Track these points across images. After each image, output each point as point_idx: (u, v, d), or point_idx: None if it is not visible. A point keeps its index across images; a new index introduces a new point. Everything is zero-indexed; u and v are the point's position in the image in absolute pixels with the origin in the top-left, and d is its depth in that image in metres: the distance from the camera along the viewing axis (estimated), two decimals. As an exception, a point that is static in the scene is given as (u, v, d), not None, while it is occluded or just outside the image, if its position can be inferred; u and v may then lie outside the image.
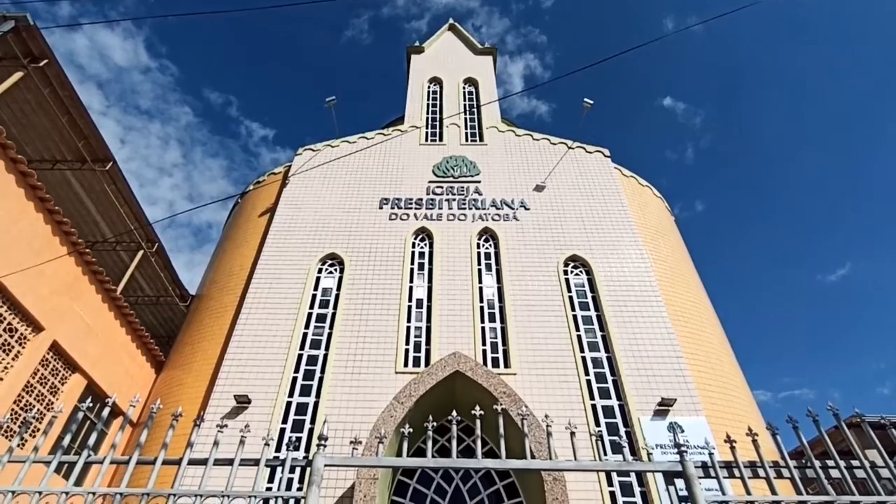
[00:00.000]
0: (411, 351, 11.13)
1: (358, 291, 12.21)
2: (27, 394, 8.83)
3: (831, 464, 3.32)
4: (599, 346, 11.25)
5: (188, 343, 12.21)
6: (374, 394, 10.10)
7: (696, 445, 8.96)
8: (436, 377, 9.21)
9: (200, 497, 3.17)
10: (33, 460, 3.33)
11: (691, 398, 10.12)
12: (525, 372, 10.58)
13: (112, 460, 3.39)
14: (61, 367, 9.65)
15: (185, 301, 14.76)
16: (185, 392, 10.75)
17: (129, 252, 13.59)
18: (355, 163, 15.69)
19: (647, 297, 12.03)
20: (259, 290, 12.25)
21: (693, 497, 3.18)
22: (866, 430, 3.43)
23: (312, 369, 10.83)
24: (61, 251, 9.57)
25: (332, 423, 9.30)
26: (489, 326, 11.62)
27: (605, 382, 10.60)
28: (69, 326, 9.68)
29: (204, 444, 7.91)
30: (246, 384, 10.34)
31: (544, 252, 13.09)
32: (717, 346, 11.94)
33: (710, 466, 3.37)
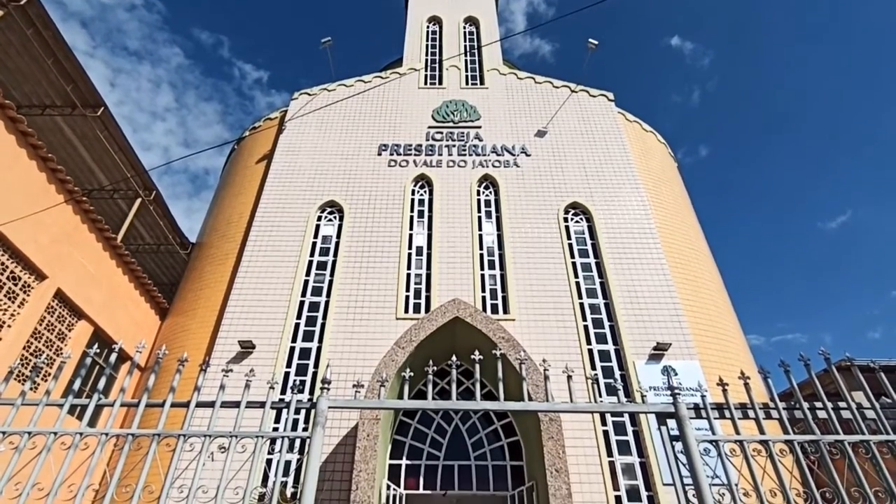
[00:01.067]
0: (412, 298, 11.27)
1: (358, 239, 12.22)
2: (36, 340, 9.02)
3: (819, 405, 3.42)
4: (598, 292, 11.38)
5: (191, 290, 12.35)
6: (375, 339, 10.32)
7: (689, 388, 9.24)
8: (436, 323, 9.36)
9: (209, 437, 3.29)
10: (46, 403, 3.43)
11: (686, 343, 10.34)
12: (524, 318, 10.77)
13: (122, 403, 3.49)
14: (67, 315, 9.80)
15: (185, 249, 14.80)
16: (190, 338, 10.98)
17: (127, 200, 13.49)
18: (353, 108, 15.31)
19: (647, 245, 12.06)
20: (259, 237, 12.26)
21: (684, 436, 3.30)
22: (855, 373, 3.51)
23: (314, 316, 11.01)
24: (58, 199, 9.50)
25: (335, 368, 9.55)
26: (489, 273, 11.71)
27: (602, 328, 10.81)
28: (72, 274, 9.76)
29: (210, 388, 8.17)
30: (249, 330, 10.54)
31: (545, 199, 13.00)
32: (713, 292, 12.08)
33: (701, 408, 3.48)
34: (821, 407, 3.41)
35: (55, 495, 3.01)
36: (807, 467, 3.13)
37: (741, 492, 3.09)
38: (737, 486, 3.11)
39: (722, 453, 3.25)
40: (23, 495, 2.98)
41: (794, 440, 3.23)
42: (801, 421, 3.46)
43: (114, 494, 3.03)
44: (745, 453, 3.23)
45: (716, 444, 3.28)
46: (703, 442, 3.28)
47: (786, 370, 3.52)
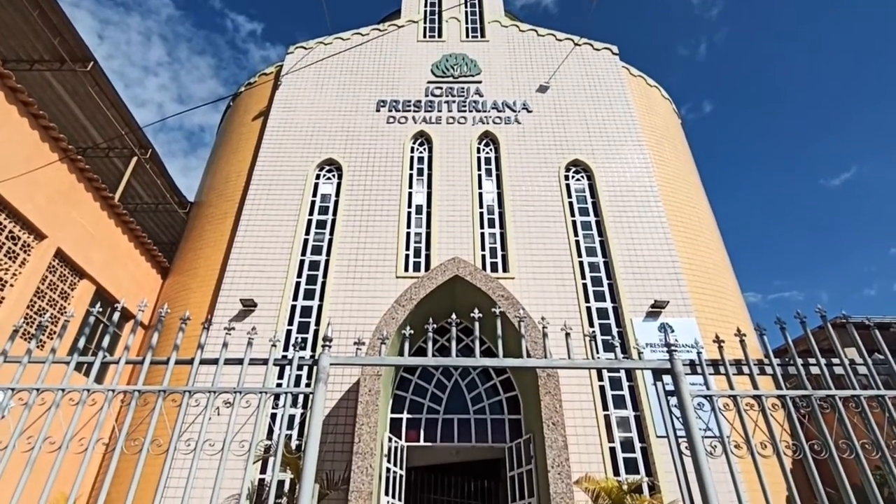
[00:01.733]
0: (411, 256, 11.30)
1: (357, 197, 12.15)
2: (39, 299, 9.10)
3: (813, 361, 3.48)
4: (597, 250, 11.41)
5: (191, 249, 12.37)
6: (375, 297, 10.41)
7: (685, 345, 9.38)
8: (436, 281, 9.42)
9: (214, 393, 3.36)
10: (52, 361, 3.49)
11: (683, 300, 10.45)
12: (523, 276, 10.83)
13: (127, 360, 3.55)
14: (69, 274, 9.85)
15: (184, 208, 14.72)
16: (192, 297, 11.08)
17: (123, 159, 13.31)
18: (350, 62, 14.89)
19: (648, 203, 12.00)
20: (257, 196, 12.18)
21: (679, 391, 3.37)
22: (850, 330, 3.55)
23: (315, 274, 11.07)
24: (52, 157, 9.37)
25: (336, 326, 9.67)
26: (488, 232, 11.71)
27: (601, 286, 10.89)
28: (71, 234, 9.74)
29: (213, 346, 8.29)
30: (251, 289, 10.63)
31: (546, 156, 12.84)
32: (712, 250, 12.11)
33: (697, 364, 3.54)
34: (814, 363, 3.47)
35: (67, 449, 3.10)
36: (797, 421, 3.21)
37: (732, 444, 3.19)
38: (728, 438, 3.20)
39: (715, 407, 3.33)
40: (35, 448, 3.07)
41: (787, 395, 3.30)
42: (793, 376, 3.53)
43: (123, 447, 3.12)
44: (738, 407, 3.30)
45: (710, 398, 3.36)
46: (698, 397, 3.35)
47: (782, 327, 3.56)
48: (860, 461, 3.08)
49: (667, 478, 8.44)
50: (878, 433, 3.15)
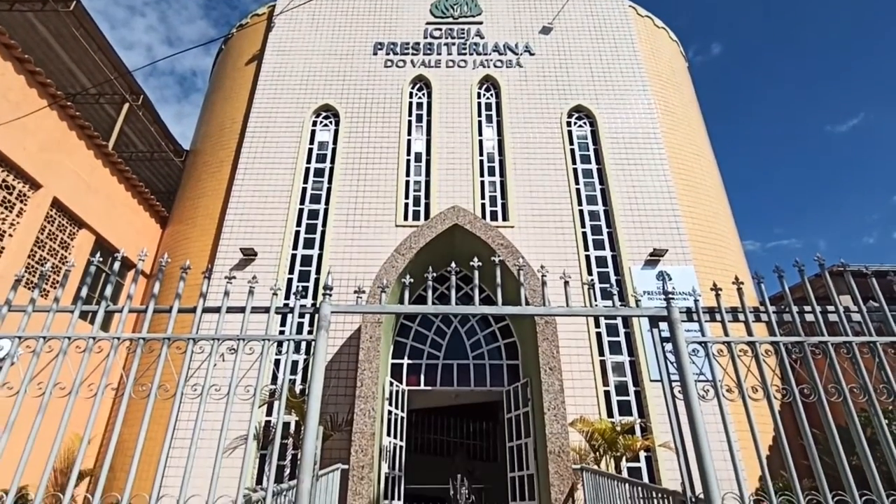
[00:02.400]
0: (411, 205, 11.24)
1: (355, 145, 11.94)
2: (39, 249, 9.12)
3: (808, 309, 3.52)
4: (598, 199, 11.34)
5: (189, 199, 12.29)
6: (375, 246, 10.44)
7: (683, 293, 9.49)
8: (435, 230, 9.42)
9: (218, 341, 3.42)
10: (56, 310, 3.53)
11: (682, 249, 10.49)
12: (523, 225, 10.82)
13: (130, 309, 3.59)
14: (67, 224, 9.82)
15: (180, 156, 14.49)
16: (192, 246, 11.11)
17: (114, 105, 12.98)
18: (345, 1, 14.24)
19: (651, 151, 11.81)
20: (254, 144, 11.97)
21: (674, 338, 3.44)
22: (847, 278, 3.58)
23: (314, 223, 11.05)
24: (41, 104, 9.13)
25: (336, 274, 9.75)
26: (488, 180, 11.59)
27: (601, 234, 10.89)
28: (67, 183, 9.64)
29: (215, 295, 8.39)
30: (250, 238, 10.64)
31: (548, 102, 12.52)
32: (713, 198, 12.03)
33: (693, 312, 3.58)
34: (809, 310, 3.52)
35: (77, 394, 3.19)
36: (789, 366, 3.29)
37: (724, 388, 3.28)
38: (721, 382, 3.29)
39: (709, 353, 3.40)
40: (46, 394, 3.16)
41: (780, 341, 3.37)
42: (788, 324, 3.59)
43: (131, 392, 3.21)
44: (732, 353, 3.37)
45: (704, 345, 3.42)
46: (693, 343, 3.42)
47: (780, 276, 3.58)
48: (847, 404, 3.18)
49: (658, 419, 8.76)
50: (866, 377, 3.24)
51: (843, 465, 3.00)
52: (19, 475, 2.97)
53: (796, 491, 2.96)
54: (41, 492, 2.95)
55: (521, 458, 8.51)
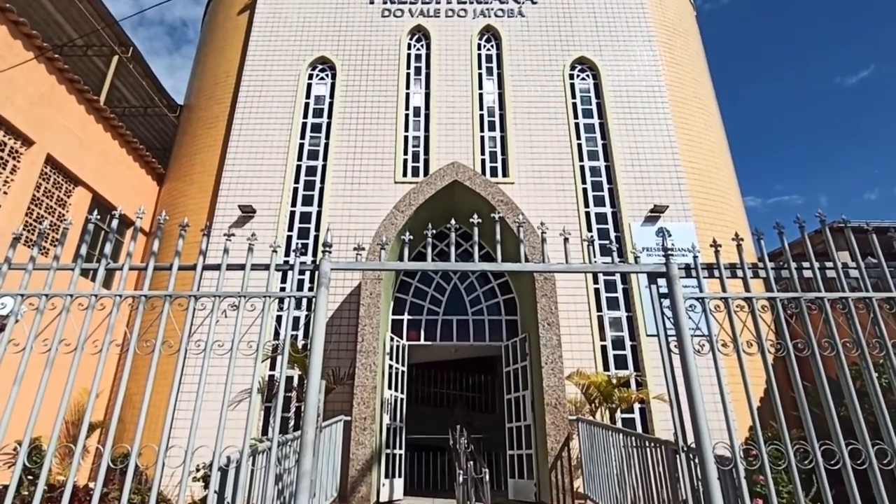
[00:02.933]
0: (410, 161, 11.10)
1: (352, 99, 11.68)
2: (36, 207, 9.07)
3: (806, 265, 3.53)
4: (599, 154, 11.19)
5: (185, 155, 12.12)
6: (374, 203, 10.38)
7: (682, 249, 9.50)
8: (435, 186, 9.34)
9: (219, 298, 3.45)
10: (57, 267, 3.54)
11: (683, 205, 10.44)
12: (523, 181, 10.72)
13: (131, 267, 3.60)
14: (63, 181, 9.73)
15: (174, 111, 14.19)
16: (190, 203, 11.04)
17: (103, 58, 12.60)
18: (338, -55, 13.57)
19: (654, 105, 11.57)
20: (249, 99, 11.70)
21: (672, 294, 3.46)
22: (847, 234, 3.57)
23: (312, 180, 10.94)
24: (27, 56, 8.86)
25: (335, 231, 9.71)
26: (488, 135, 11.40)
27: (601, 191, 10.82)
28: (60, 139, 9.48)
29: (215, 252, 8.40)
30: (249, 195, 10.56)
31: (550, 54, 12.16)
32: (716, 153, 11.87)
33: (692, 268, 3.60)
34: (807, 266, 3.53)
35: (82, 350, 3.24)
36: (784, 321, 3.33)
37: (720, 343, 3.33)
38: (716, 337, 3.34)
39: (706, 309, 3.44)
40: (52, 349, 3.21)
41: (777, 297, 3.40)
42: (785, 280, 3.61)
43: (136, 349, 3.26)
44: (729, 309, 3.41)
45: (701, 300, 3.46)
46: (690, 299, 3.45)
47: (780, 232, 3.57)
48: (839, 358, 3.24)
49: (653, 373, 8.96)
50: (860, 332, 3.28)
51: (832, 416, 3.09)
52: (31, 426, 3.06)
53: (785, 440, 3.05)
54: (53, 442, 3.05)
55: (518, 409, 8.77)
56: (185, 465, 2.98)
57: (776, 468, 3.07)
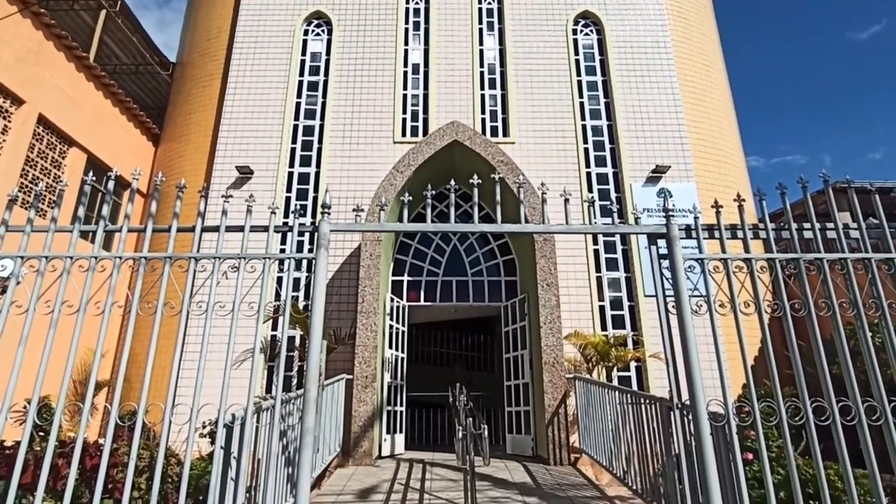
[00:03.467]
0: (409, 120, 10.91)
1: (349, 56, 11.36)
2: (31, 168, 8.96)
3: (807, 226, 3.52)
4: (602, 113, 10.98)
5: (180, 115, 11.89)
6: (372, 164, 10.26)
7: (683, 210, 9.46)
8: (434, 146, 9.22)
9: (219, 259, 3.45)
10: (55, 230, 3.52)
11: (685, 165, 10.33)
12: (524, 141, 10.57)
13: (129, 228, 3.59)
14: (56, 142, 9.58)
15: (166, 69, 13.83)
16: (187, 164, 10.91)
17: (91, 13, 12.17)
18: None
19: (659, 61, 11.27)
20: (243, 56, 11.38)
21: (672, 255, 3.47)
22: (850, 194, 3.54)
23: (310, 140, 10.78)
24: (10, 10, 8.57)
25: (334, 192, 9.66)
26: (489, 94, 11.16)
27: (603, 150, 10.68)
28: (51, 98, 9.27)
29: (213, 214, 8.38)
30: (246, 156, 10.43)
31: (553, 7, 11.75)
32: (720, 112, 11.65)
33: (693, 229, 3.59)
34: (808, 227, 3.52)
35: (84, 311, 3.27)
36: (782, 282, 3.35)
37: (717, 303, 3.36)
38: (714, 298, 3.36)
39: (705, 270, 3.45)
40: (55, 311, 3.23)
41: (776, 258, 3.40)
42: (785, 240, 3.61)
43: (138, 310, 3.29)
44: (728, 270, 3.42)
45: (701, 261, 3.47)
46: (689, 260, 3.46)
47: (782, 192, 3.54)
48: (835, 317, 3.28)
49: (650, 332, 9.08)
50: (857, 293, 3.31)
51: (825, 374, 3.15)
52: (39, 385, 3.12)
53: (777, 397, 3.12)
54: (62, 399, 3.12)
55: (517, 368, 8.94)
56: (192, 421, 3.06)
57: (768, 424, 3.16)
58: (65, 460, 3.93)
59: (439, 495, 5.80)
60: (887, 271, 3.42)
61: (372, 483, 6.43)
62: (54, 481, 3.81)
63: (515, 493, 5.94)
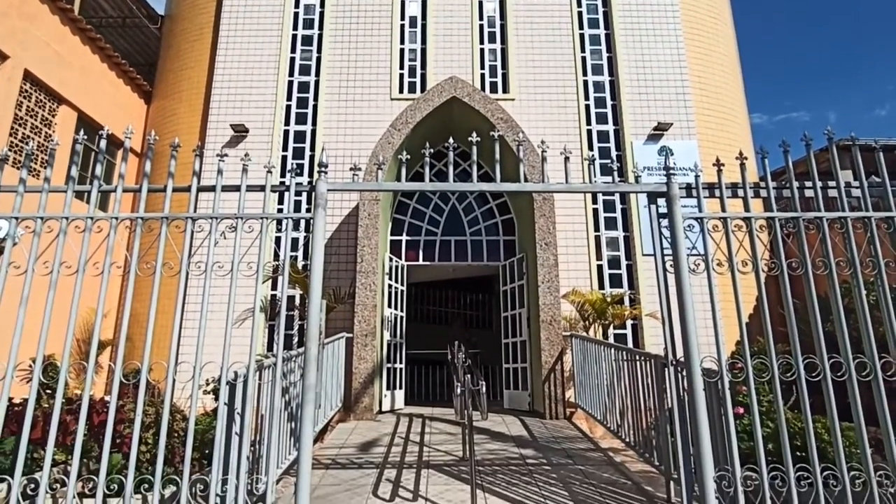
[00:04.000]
0: (406, 76, 10.63)
1: (344, 8, 10.95)
2: (20, 127, 8.78)
3: (809, 184, 3.49)
4: (604, 68, 10.70)
5: (171, 71, 11.56)
6: (370, 121, 10.07)
7: (684, 168, 9.37)
8: (432, 103, 9.03)
9: (216, 219, 3.43)
10: (49, 190, 3.48)
11: (688, 122, 10.16)
12: (524, 97, 10.34)
13: (124, 188, 3.55)
14: (45, 99, 9.35)
15: (155, 23, 13.34)
16: (180, 123, 10.70)
17: (72, -39, 11.65)
18: None
19: (665, 13, 10.89)
20: (234, 7, 10.96)
21: (671, 214, 3.45)
22: (854, 152, 3.50)
23: (305, 97, 10.53)
24: (-10, -40, 8.20)
25: (331, 151, 9.51)
26: (488, 48, 10.84)
27: (604, 107, 10.47)
28: (36, 53, 8.99)
29: (209, 174, 8.25)
30: (240, 114, 10.22)
31: (555, -44, 11.25)
32: (726, 67, 11.35)
33: (693, 188, 3.56)
34: (809, 186, 3.49)
35: (83, 272, 3.27)
36: (781, 240, 3.35)
37: (715, 262, 3.37)
38: (712, 257, 3.37)
39: (705, 229, 3.44)
40: (54, 272, 3.24)
41: (776, 216, 3.39)
42: (785, 199, 3.58)
43: (137, 270, 3.29)
44: (727, 228, 3.42)
45: (700, 220, 3.46)
46: (689, 219, 3.45)
47: (785, 150, 3.49)
48: (832, 276, 3.30)
49: (647, 291, 9.16)
50: (855, 251, 3.31)
51: (818, 331, 3.20)
52: (43, 344, 3.16)
53: (770, 353, 3.18)
54: (66, 357, 3.17)
55: (514, 326, 9.07)
56: (195, 379, 3.12)
57: (759, 380, 3.23)
58: (73, 417, 4.02)
59: (439, 447, 5.99)
60: (886, 230, 3.41)
61: (373, 436, 6.62)
62: (63, 436, 3.92)
63: (512, 445, 6.13)
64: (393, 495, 4.31)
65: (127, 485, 2.91)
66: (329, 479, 4.78)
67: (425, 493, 4.34)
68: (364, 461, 5.44)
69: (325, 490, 4.42)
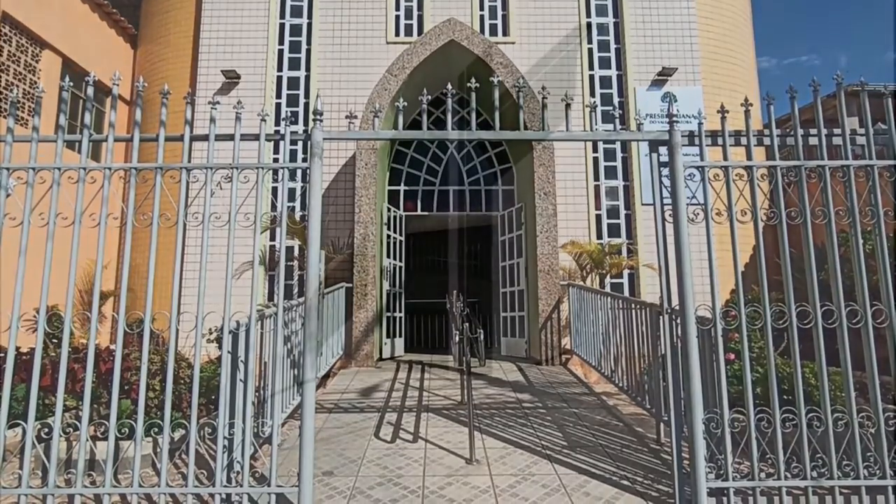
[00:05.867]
0: (402, 18, 10.21)
1: (335, -56, 10.36)
2: (3, 73, 8.49)
3: (813, 132, 3.43)
4: (608, 9, 10.27)
5: (156, 13, 11.07)
6: (365, 66, 9.76)
7: (687, 115, 9.16)
8: (430, 47, 8.72)
9: (212, 170, 3.38)
10: (38, 139, 3.41)
11: (692, 68, 9.87)
12: (524, 40, 9.98)
13: (116, 138, 3.47)
14: (27, 44, 8.99)
15: (136, -41, 12.66)
16: (169, 68, 10.34)
17: None
18: None
19: (673, -52, 10.34)
20: (218, -57, 10.37)
21: (672, 162, 3.41)
22: (862, 98, 3.41)
23: (298, 41, 10.15)
24: None
25: (326, 98, 9.25)
26: (488, -13, 10.35)
27: (608, 51, 10.13)
28: (14, -6, 8.58)
29: (201, 122, 8.07)
30: (231, 59, 9.88)
31: None
32: (735, 7, 10.89)
33: (696, 135, 3.50)
34: (814, 133, 3.43)
35: (80, 223, 3.25)
36: (781, 189, 3.33)
37: (714, 211, 3.36)
38: (711, 206, 3.36)
39: (705, 178, 3.41)
40: (50, 223, 3.22)
41: (777, 165, 3.35)
42: (789, 147, 3.53)
43: (133, 221, 3.27)
44: (728, 178, 3.39)
45: (701, 169, 3.42)
46: (690, 168, 3.41)
47: (791, 96, 3.40)
48: (830, 225, 3.30)
49: (645, 241, 9.17)
50: (855, 200, 3.30)
51: (812, 279, 3.23)
52: (45, 293, 3.19)
53: (764, 301, 3.23)
54: (69, 306, 3.21)
55: (512, 275, 9.15)
56: (198, 328, 3.17)
57: (752, 327, 3.29)
58: (80, 365, 4.12)
59: (438, 392, 6.19)
60: (888, 178, 3.38)
61: (374, 382, 6.82)
62: (72, 384, 4.02)
63: (509, 390, 6.33)
64: (394, 437, 4.48)
65: (137, 428, 3.01)
66: (332, 422, 4.96)
67: (425, 435, 4.51)
68: (366, 405, 5.63)
69: (328, 433, 4.60)
